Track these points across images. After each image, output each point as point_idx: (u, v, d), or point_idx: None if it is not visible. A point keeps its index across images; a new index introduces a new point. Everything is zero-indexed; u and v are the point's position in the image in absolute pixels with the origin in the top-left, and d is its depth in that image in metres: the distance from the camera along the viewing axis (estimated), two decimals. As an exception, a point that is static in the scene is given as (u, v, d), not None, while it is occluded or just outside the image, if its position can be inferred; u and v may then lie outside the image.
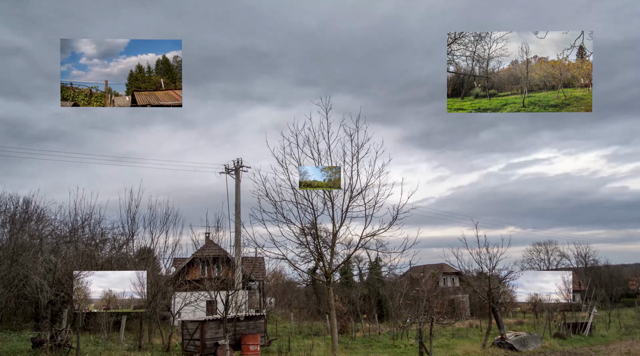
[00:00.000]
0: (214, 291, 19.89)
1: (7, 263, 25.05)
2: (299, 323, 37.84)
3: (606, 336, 31.43)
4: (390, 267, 51.66)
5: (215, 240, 31.78)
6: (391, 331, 32.16)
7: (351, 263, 53.27)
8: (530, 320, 44.87)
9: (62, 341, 20.05)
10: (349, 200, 18.00)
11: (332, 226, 18.33)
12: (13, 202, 34.11)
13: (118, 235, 35.41)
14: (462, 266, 25.92)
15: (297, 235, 18.73)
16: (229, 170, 33.49)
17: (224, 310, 19.03)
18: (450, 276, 61.67)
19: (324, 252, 18.78)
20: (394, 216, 17.72)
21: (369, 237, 18.33)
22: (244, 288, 34.11)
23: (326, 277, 18.48)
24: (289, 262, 19.44)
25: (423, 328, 20.79)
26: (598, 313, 38.72)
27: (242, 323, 21.90)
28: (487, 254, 24.52)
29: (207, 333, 20.40)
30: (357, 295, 40.98)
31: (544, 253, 79.44)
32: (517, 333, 25.88)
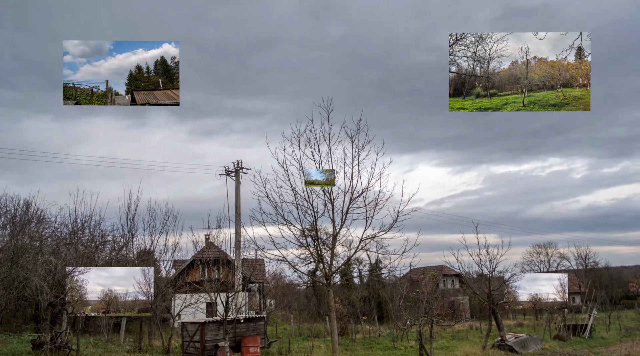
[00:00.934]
0: (214, 293, 19.90)
1: (8, 265, 25.05)
2: (299, 325, 37.81)
3: (606, 338, 31.43)
4: (391, 268, 51.69)
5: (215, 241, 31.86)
6: (391, 333, 32.14)
7: (351, 265, 53.29)
8: (530, 322, 44.87)
9: (62, 343, 20.03)
10: (349, 201, 17.97)
11: (332, 228, 18.31)
12: (13, 204, 34.15)
13: (118, 236, 35.47)
14: (462, 268, 25.97)
15: (297, 237, 18.70)
16: (229, 172, 33.55)
17: (224, 312, 19.04)
18: (450, 278, 61.70)
19: (324, 254, 18.76)
20: (394, 218, 17.70)
21: (369, 238, 18.30)
22: (244, 290, 34.13)
23: (326, 279, 18.46)
24: (289, 264, 19.37)
25: (423, 330, 20.81)
26: (598, 315, 38.72)
27: (242, 325, 21.90)
28: (487, 256, 24.58)
29: (207, 335, 20.40)
30: (357, 296, 40.94)
31: (544, 255, 79.50)
32: (517, 335, 25.91)
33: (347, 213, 18.00)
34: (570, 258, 79.68)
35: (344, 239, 18.85)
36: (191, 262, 38.97)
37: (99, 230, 35.81)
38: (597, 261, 79.51)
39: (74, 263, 23.46)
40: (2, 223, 33.23)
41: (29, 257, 27.30)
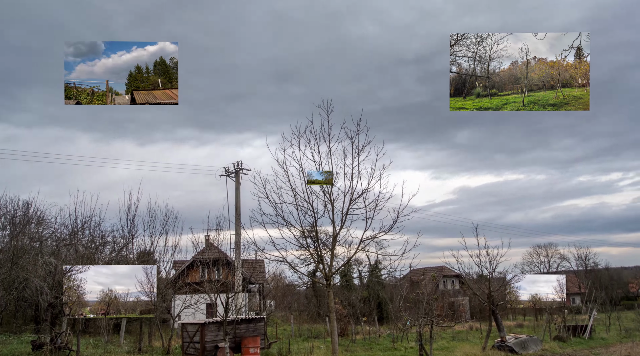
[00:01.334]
0: (214, 293, 19.89)
1: (8, 265, 25.08)
2: (299, 326, 37.80)
3: (606, 339, 31.43)
4: (390, 269, 51.67)
5: (215, 242, 31.85)
6: (391, 334, 32.13)
7: (351, 265, 53.29)
8: (530, 322, 44.86)
9: (62, 344, 20.02)
10: (349, 202, 17.99)
11: (332, 228, 18.31)
12: (13, 205, 34.17)
13: (118, 237, 35.47)
14: (462, 268, 25.96)
15: (297, 238, 18.72)
16: (229, 172, 33.57)
17: (224, 313, 19.03)
18: (450, 279, 61.67)
19: (324, 255, 18.76)
20: (394, 219, 17.71)
21: (369, 239, 18.31)
22: (244, 290, 34.14)
23: (326, 280, 18.47)
24: (289, 265, 19.39)
25: (423, 330, 20.81)
26: (598, 315, 38.71)
27: (242, 325, 21.89)
28: (487, 257, 24.57)
29: (207, 336, 20.38)
30: (357, 297, 40.96)
31: (544, 255, 79.45)
32: (517, 336, 25.91)
33: (347, 214, 18.02)
34: (570, 259, 79.67)
35: (344, 240, 18.87)
36: (191, 263, 38.98)
37: (99, 230, 35.84)
38: (597, 262, 79.52)
39: (73, 262, 23.39)
40: (2, 224, 33.26)
41: (29, 257, 27.33)
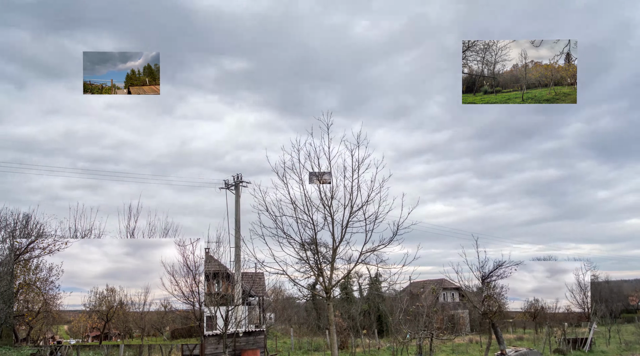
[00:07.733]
0: (213, 306, 19.93)
1: (7, 279, 25.06)
2: (298, 339, 37.71)
3: (606, 352, 31.40)
4: (390, 282, 51.58)
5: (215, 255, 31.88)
6: (391, 347, 32.06)
7: (351, 278, 53.20)
8: (530, 335, 44.74)
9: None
10: (349, 215, 18.07)
11: (332, 241, 18.39)
12: (13, 217, 34.16)
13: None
14: (461, 281, 25.97)
15: (297, 251, 18.77)
16: (229, 185, 33.71)
17: (224, 326, 19.06)
18: (450, 292, 61.55)
19: (324, 268, 18.81)
20: (394, 231, 17.77)
21: (369, 252, 18.37)
22: (244, 303, 34.08)
23: (326, 293, 18.49)
24: (288, 278, 19.41)
25: (423, 343, 20.82)
26: (598, 328, 38.65)
27: (241, 338, 21.90)
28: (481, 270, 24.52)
29: (206, 349, 20.40)
30: (357, 310, 40.93)
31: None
32: (517, 349, 25.86)
33: (346, 226, 18.08)
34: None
35: (344, 253, 18.92)
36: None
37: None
38: (597, 274, 79.35)
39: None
40: (2, 237, 33.25)
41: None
